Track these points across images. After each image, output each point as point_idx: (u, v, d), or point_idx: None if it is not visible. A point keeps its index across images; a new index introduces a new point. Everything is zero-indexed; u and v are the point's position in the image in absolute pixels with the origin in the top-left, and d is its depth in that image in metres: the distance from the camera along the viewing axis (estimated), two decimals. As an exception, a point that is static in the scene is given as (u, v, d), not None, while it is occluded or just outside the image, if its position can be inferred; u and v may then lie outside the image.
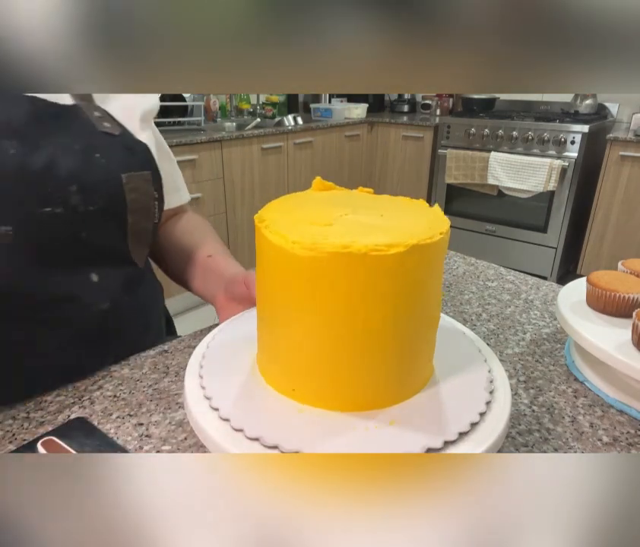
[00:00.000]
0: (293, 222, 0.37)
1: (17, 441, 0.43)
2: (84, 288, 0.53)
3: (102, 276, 0.54)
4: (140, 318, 0.61)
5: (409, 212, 0.40)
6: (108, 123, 0.55)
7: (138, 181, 0.55)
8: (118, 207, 0.54)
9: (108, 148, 0.53)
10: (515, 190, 2.66)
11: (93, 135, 0.52)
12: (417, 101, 3.45)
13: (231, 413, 0.36)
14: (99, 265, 0.54)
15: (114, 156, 0.53)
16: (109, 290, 0.55)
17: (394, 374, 0.37)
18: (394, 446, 0.34)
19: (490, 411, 0.37)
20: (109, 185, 0.52)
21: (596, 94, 2.75)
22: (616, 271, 0.56)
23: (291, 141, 2.68)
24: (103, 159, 0.52)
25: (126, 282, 0.58)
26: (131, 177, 0.54)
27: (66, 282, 0.51)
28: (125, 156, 0.54)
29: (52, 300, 0.50)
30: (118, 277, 0.56)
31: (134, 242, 0.58)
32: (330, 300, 0.34)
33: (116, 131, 0.55)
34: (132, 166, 0.54)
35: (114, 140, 0.54)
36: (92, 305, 0.53)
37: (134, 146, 0.56)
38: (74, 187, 0.49)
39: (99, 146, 0.52)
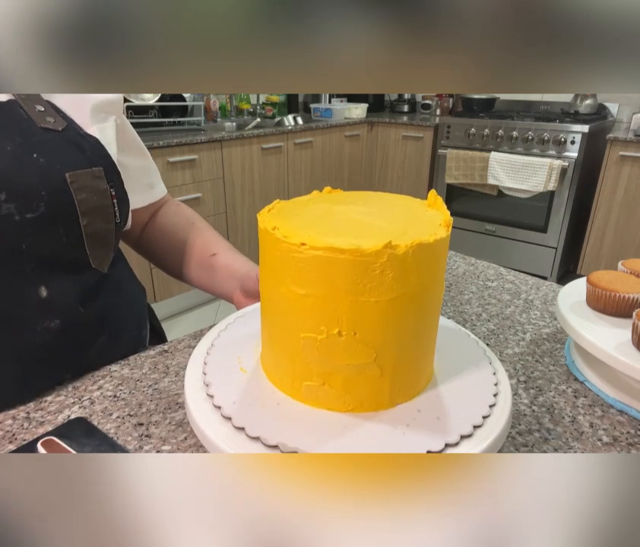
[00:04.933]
0: (298, 223, 0.37)
1: (17, 441, 0.43)
2: (29, 306, 0.48)
3: (53, 289, 0.50)
4: (105, 328, 0.56)
5: (411, 211, 0.40)
6: (51, 118, 0.50)
7: (86, 179, 0.50)
8: (65, 209, 0.49)
9: (49, 146, 0.48)
10: (515, 190, 2.66)
11: (31, 133, 0.48)
12: (417, 101, 3.45)
13: (232, 412, 0.36)
14: (48, 278, 0.49)
15: (56, 154, 0.49)
16: (60, 305, 0.50)
17: (396, 375, 0.37)
18: (395, 446, 0.34)
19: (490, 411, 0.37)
20: (51, 187, 0.47)
21: (596, 94, 2.75)
22: (616, 271, 0.56)
23: (291, 141, 2.68)
24: (42, 158, 0.47)
25: (84, 291, 0.53)
26: (77, 175, 0.49)
27: (6, 301, 0.47)
28: (71, 152, 0.50)
29: None
30: (72, 288, 0.52)
31: (92, 246, 0.53)
32: (331, 300, 0.35)
33: (60, 126, 0.50)
34: (79, 163, 0.50)
35: (56, 137, 0.49)
36: (37, 324, 0.49)
37: (82, 140, 0.52)
38: (2, 194, 0.44)
39: (38, 144, 0.48)
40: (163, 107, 2.39)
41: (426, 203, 0.42)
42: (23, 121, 0.48)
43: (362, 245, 0.32)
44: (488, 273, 0.82)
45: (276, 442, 0.34)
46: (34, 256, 0.48)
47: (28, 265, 0.48)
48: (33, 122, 0.49)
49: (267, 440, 0.34)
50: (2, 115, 0.48)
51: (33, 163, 0.47)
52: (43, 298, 0.49)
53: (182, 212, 0.74)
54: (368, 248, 0.32)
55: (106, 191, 0.52)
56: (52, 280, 0.50)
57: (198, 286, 0.70)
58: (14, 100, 0.49)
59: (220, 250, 0.67)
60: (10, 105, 0.49)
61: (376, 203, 0.42)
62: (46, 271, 0.49)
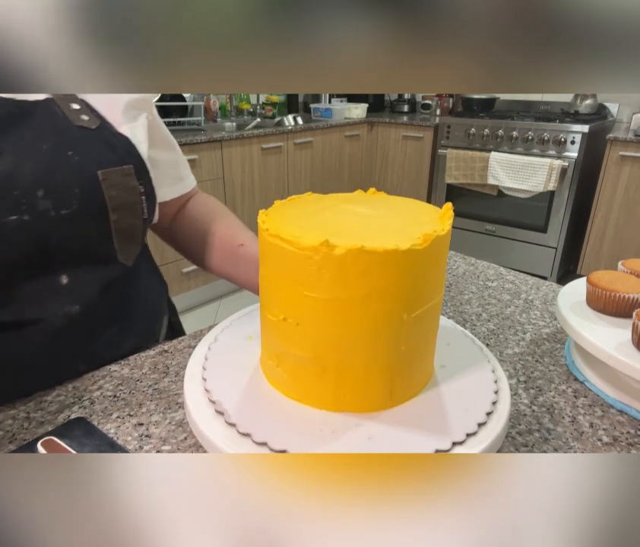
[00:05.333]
0: (297, 224, 0.37)
1: (17, 441, 0.43)
2: (51, 290, 0.50)
3: (73, 279, 0.51)
4: (120, 320, 0.58)
5: (411, 211, 0.40)
6: (86, 116, 0.52)
7: (117, 177, 0.52)
8: (96, 206, 0.51)
9: (83, 144, 0.50)
10: (515, 190, 2.66)
11: (66, 131, 0.50)
12: (417, 101, 3.45)
13: (232, 413, 0.36)
14: (70, 268, 0.51)
15: (89, 151, 0.50)
16: (80, 293, 0.52)
17: (340, 378, 0.37)
18: (395, 447, 0.34)
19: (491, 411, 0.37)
20: (84, 185, 0.49)
21: (596, 94, 2.75)
22: (616, 271, 0.56)
23: (291, 141, 2.68)
24: (77, 156, 0.49)
25: (105, 283, 0.54)
26: (108, 173, 0.51)
27: (30, 285, 0.49)
28: (103, 150, 0.52)
29: (15, 302, 0.48)
30: (94, 278, 0.53)
31: (120, 241, 0.55)
32: (281, 286, 0.36)
33: (94, 125, 0.52)
34: (110, 161, 0.52)
35: (90, 135, 0.51)
36: (59, 307, 0.51)
37: (114, 139, 0.53)
38: (40, 191, 0.47)
39: (72, 142, 0.49)
40: (163, 107, 2.39)
41: (438, 213, 0.40)
42: (59, 119, 0.50)
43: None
44: (488, 273, 0.82)
45: (278, 445, 0.34)
46: (64, 249, 0.50)
47: (55, 256, 0.50)
48: (69, 120, 0.50)
49: (268, 442, 0.34)
50: (39, 114, 0.49)
51: (68, 161, 0.49)
52: (63, 285, 0.51)
53: (209, 203, 0.76)
54: (305, 243, 0.33)
55: (136, 189, 0.54)
56: (75, 270, 0.52)
57: (221, 275, 0.71)
58: (51, 99, 0.51)
59: (247, 240, 0.68)
60: (47, 104, 0.50)
61: (378, 204, 0.42)
62: (72, 262, 0.51)
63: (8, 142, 0.46)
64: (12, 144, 0.46)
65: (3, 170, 0.45)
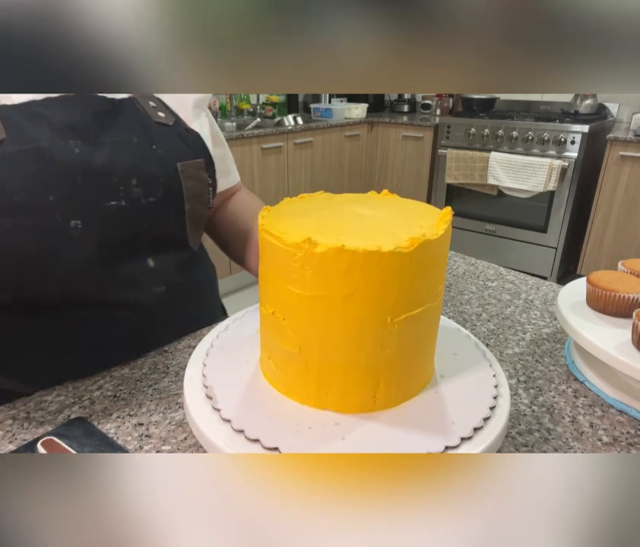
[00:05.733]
0: (292, 222, 0.37)
1: (17, 441, 0.43)
2: (142, 273, 0.56)
3: (158, 261, 0.57)
4: (194, 298, 0.64)
5: (415, 214, 0.40)
6: (162, 113, 0.57)
7: (192, 169, 0.57)
8: (175, 195, 0.56)
9: (164, 138, 0.55)
10: (515, 190, 2.66)
11: (149, 127, 0.54)
12: (417, 101, 3.45)
13: (232, 414, 0.36)
14: (155, 251, 0.57)
15: (170, 146, 0.55)
16: (164, 274, 0.58)
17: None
18: (394, 447, 0.34)
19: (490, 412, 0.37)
20: (167, 175, 0.54)
21: (596, 94, 2.75)
22: (616, 271, 0.56)
23: (291, 141, 2.68)
24: (160, 149, 0.54)
25: (181, 265, 0.60)
26: (186, 165, 0.56)
27: (126, 268, 0.54)
28: (180, 145, 0.56)
29: (114, 284, 0.53)
30: (173, 261, 0.59)
31: (191, 228, 0.60)
32: (270, 280, 0.37)
33: (170, 121, 0.57)
34: (186, 155, 0.56)
35: (169, 131, 0.56)
36: (149, 288, 0.56)
37: (187, 134, 0.58)
38: (134, 180, 0.51)
39: (155, 137, 0.54)
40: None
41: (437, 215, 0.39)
42: (142, 116, 0.55)
43: (286, 236, 0.33)
44: (488, 273, 0.82)
45: (277, 444, 0.34)
46: (150, 234, 0.55)
47: (145, 239, 0.55)
48: (149, 117, 0.55)
49: (268, 442, 0.34)
50: (125, 111, 0.54)
51: (153, 154, 0.54)
52: (151, 267, 0.57)
53: (251, 200, 0.80)
54: (289, 239, 0.33)
55: (205, 180, 0.59)
56: (158, 254, 0.57)
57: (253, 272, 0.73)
58: (133, 97, 0.56)
59: None
60: (130, 102, 0.55)
61: (379, 204, 0.42)
62: (156, 246, 0.57)
63: (107, 135, 0.51)
64: (110, 137, 0.51)
65: (105, 159, 0.50)
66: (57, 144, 0.47)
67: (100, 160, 0.49)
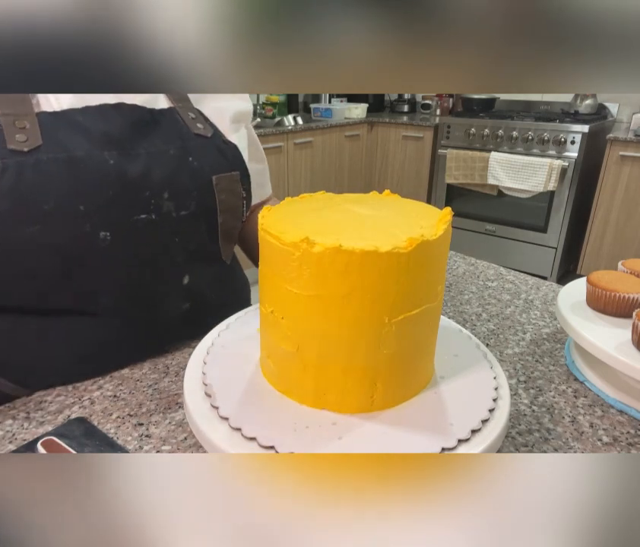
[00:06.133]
0: (291, 221, 0.37)
1: (17, 441, 0.43)
2: (175, 290, 0.55)
3: (192, 277, 0.56)
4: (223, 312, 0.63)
5: (415, 214, 0.40)
6: (201, 124, 0.56)
7: (227, 182, 0.56)
8: (208, 209, 0.55)
9: (201, 150, 0.54)
10: (515, 190, 2.66)
11: (187, 138, 0.54)
12: (417, 101, 3.45)
13: (231, 413, 0.36)
14: (189, 268, 0.56)
15: (206, 158, 0.54)
16: (195, 292, 0.57)
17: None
18: (393, 447, 0.34)
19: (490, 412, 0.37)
20: (200, 188, 0.54)
21: (596, 94, 2.74)
22: (616, 271, 0.56)
23: (291, 141, 2.68)
24: (196, 162, 0.53)
25: (213, 281, 0.60)
26: (221, 178, 0.55)
27: (157, 284, 0.54)
28: (216, 157, 0.56)
29: (138, 297, 0.53)
30: (206, 277, 0.59)
31: (224, 241, 0.59)
32: (269, 279, 0.37)
33: (209, 133, 0.56)
34: (222, 167, 0.56)
35: (206, 142, 0.55)
36: (174, 304, 0.56)
37: (225, 146, 0.57)
38: (166, 193, 0.51)
39: (192, 149, 0.53)
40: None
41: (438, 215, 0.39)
42: (181, 127, 0.54)
43: (285, 236, 0.34)
44: (488, 273, 0.82)
45: (273, 443, 0.34)
46: (183, 248, 0.55)
47: (179, 256, 0.55)
48: (188, 128, 0.55)
49: (264, 441, 0.34)
50: (165, 121, 0.53)
51: (189, 166, 0.53)
52: (185, 284, 0.56)
53: None
54: (288, 239, 0.34)
55: (240, 193, 0.59)
56: (193, 270, 0.57)
57: None
58: (173, 108, 0.55)
59: None
60: (170, 112, 0.55)
61: (379, 204, 0.42)
62: (190, 262, 0.56)
63: (142, 146, 0.50)
64: (145, 148, 0.50)
65: (139, 172, 0.49)
66: (92, 154, 0.46)
67: (134, 172, 0.48)
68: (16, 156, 0.42)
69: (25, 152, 0.43)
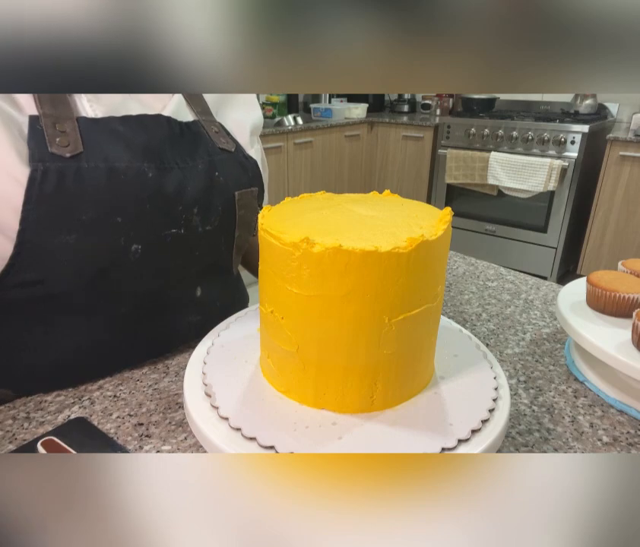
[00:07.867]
0: (291, 221, 0.37)
1: (17, 441, 0.43)
2: (187, 302, 0.55)
3: (205, 289, 0.56)
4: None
5: (415, 215, 0.40)
6: (223, 139, 0.56)
7: (247, 198, 0.56)
8: (229, 224, 0.55)
9: (226, 166, 0.54)
10: (515, 190, 2.66)
11: (213, 152, 0.53)
12: (417, 101, 3.45)
13: (231, 413, 0.36)
14: (202, 280, 0.56)
15: (230, 173, 0.54)
16: (206, 304, 0.57)
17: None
18: (393, 447, 0.34)
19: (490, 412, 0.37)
20: (224, 204, 0.53)
21: (596, 94, 2.74)
22: (616, 271, 0.56)
23: (291, 141, 2.68)
24: (222, 177, 0.53)
25: (222, 292, 0.60)
26: (242, 194, 0.55)
27: (173, 297, 0.54)
28: (239, 172, 0.55)
29: (161, 312, 0.53)
30: (217, 289, 0.59)
31: (236, 254, 0.60)
32: (269, 279, 0.37)
33: (232, 148, 0.56)
34: (244, 183, 0.56)
35: (230, 157, 0.55)
36: (186, 317, 0.56)
37: (246, 162, 0.57)
38: (195, 208, 0.50)
39: (219, 164, 0.53)
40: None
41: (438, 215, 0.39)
42: (207, 141, 0.54)
43: (285, 236, 0.34)
44: (488, 273, 0.82)
45: (273, 443, 0.34)
46: (200, 262, 0.54)
47: (194, 268, 0.54)
48: (213, 142, 0.54)
49: (264, 441, 0.34)
50: (191, 135, 0.52)
51: (216, 182, 0.52)
52: (197, 297, 0.56)
53: None
54: (288, 239, 0.34)
55: (256, 208, 0.58)
56: (205, 282, 0.57)
57: None
58: (197, 121, 0.54)
59: None
60: (196, 126, 0.54)
61: (379, 205, 0.42)
62: (203, 274, 0.56)
63: (175, 160, 0.49)
64: (177, 162, 0.49)
65: (174, 186, 0.48)
66: (132, 166, 0.45)
67: (170, 187, 0.48)
68: (57, 161, 0.41)
69: (67, 157, 0.42)
